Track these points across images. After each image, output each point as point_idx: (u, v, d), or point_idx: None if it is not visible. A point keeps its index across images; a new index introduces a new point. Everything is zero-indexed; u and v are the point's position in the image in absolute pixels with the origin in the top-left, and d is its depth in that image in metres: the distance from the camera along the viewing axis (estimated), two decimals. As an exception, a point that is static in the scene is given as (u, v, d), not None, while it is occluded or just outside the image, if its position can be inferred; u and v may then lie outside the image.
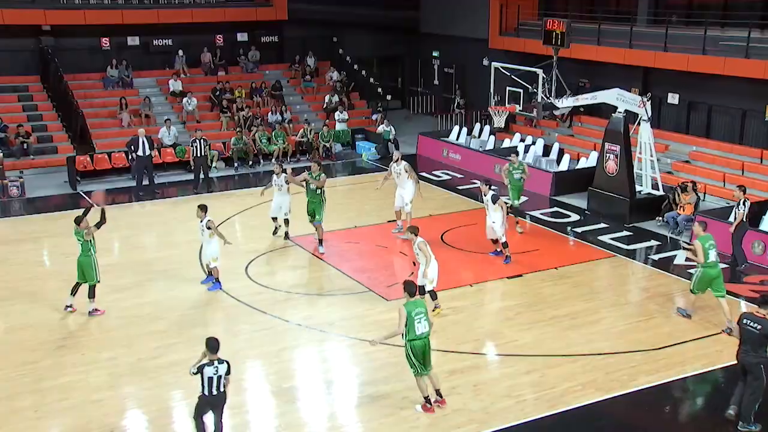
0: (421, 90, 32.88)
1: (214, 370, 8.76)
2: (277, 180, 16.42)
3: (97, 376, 11.15)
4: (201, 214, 13.91)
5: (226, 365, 8.85)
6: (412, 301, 9.91)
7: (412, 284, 10.14)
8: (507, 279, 14.66)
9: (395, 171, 16.81)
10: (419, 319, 9.78)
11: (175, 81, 26.38)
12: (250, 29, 28.90)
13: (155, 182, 21.34)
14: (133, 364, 11.48)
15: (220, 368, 8.80)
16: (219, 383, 8.80)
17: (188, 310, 13.35)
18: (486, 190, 14.94)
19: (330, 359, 11.89)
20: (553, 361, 11.46)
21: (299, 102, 28.09)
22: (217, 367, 8.79)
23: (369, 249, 15.71)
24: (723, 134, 20.71)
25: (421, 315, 9.82)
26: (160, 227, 18.33)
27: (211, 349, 8.83)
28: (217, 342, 8.89)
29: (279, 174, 16.40)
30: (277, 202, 16.62)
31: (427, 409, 10.14)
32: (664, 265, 15.49)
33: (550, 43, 18.23)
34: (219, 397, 8.90)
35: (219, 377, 8.78)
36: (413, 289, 10.03)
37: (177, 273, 15.12)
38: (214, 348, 8.83)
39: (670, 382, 10.92)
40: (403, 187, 16.75)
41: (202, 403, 8.95)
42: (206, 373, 8.76)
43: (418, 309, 9.83)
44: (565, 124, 24.65)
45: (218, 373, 8.78)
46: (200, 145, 20.70)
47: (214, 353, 8.82)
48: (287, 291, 14.22)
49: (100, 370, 11.30)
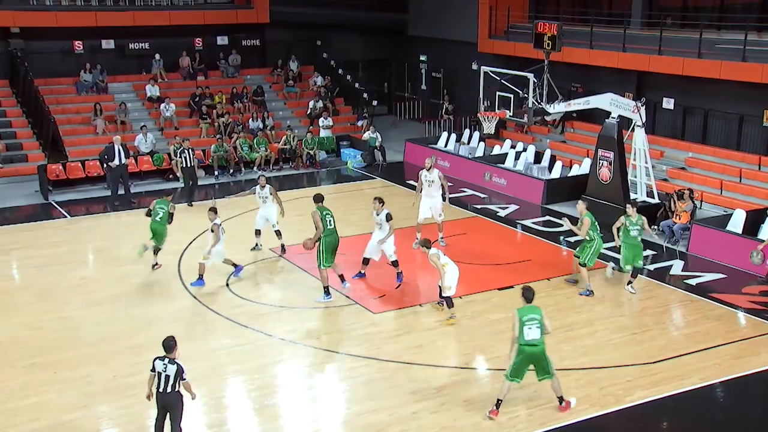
0: (408, 95, 32.98)
1: (162, 367, 9.12)
2: (261, 192, 16.40)
3: (69, 395, 11.08)
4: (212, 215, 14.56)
5: (176, 367, 9.11)
6: (526, 306, 10.29)
7: (530, 290, 10.52)
8: (498, 290, 14.71)
9: (427, 179, 16.42)
10: (530, 326, 10.10)
11: (152, 86, 26.35)
12: (230, 32, 28.92)
13: (131, 192, 21.26)
14: (108, 382, 11.42)
15: (169, 367, 9.10)
16: (168, 382, 9.08)
17: (166, 325, 13.27)
18: (379, 207, 14.48)
19: (314, 375, 11.87)
20: (546, 376, 11.49)
21: (282, 108, 28.13)
22: (167, 365, 9.10)
23: (355, 260, 15.71)
24: (720, 140, 20.89)
25: (534, 321, 10.13)
26: (136, 239, 18.19)
27: (165, 348, 9.22)
28: (171, 341, 9.23)
29: (263, 186, 16.42)
30: (263, 215, 16.64)
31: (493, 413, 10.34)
32: (659, 276, 15.59)
33: (541, 46, 18.37)
34: (170, 397, 9.14)
35: (167, 376, 9.08)
36: (530, 295, 10.43)
37: (154, 286, 15.08)
38: (169, 347, 9.22)
39: (667, 397, 10.97)
40: (432, 196, 16.45)
41: (156, 400, 9.26)
42: (157, 366, 9.18)
43: (531, 315, 10.17)
44: (556, 130, 24.80)
45: (166, 371, 9.08)
46: (189, 156, 20.61)
47: (169, 352, 9.19)
48: (270, 304, 14.19)
49: (73, 389, 11.23)
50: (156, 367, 9.19)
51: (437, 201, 16.50)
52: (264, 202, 16.50)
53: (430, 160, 16.77)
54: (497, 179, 22.15)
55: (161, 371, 9.14)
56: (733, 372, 11.63)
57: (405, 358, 12.04)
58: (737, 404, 11.26)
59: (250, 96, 27.36)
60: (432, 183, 16.41)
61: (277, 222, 16.56)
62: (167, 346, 9.24)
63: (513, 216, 19.70)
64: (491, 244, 17.46)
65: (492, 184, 22.17)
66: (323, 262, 13.87)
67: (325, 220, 13.83)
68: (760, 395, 11.60)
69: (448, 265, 13.22)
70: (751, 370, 11.70)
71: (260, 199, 16.51)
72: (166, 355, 9.21)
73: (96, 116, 24.63)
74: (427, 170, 16.48)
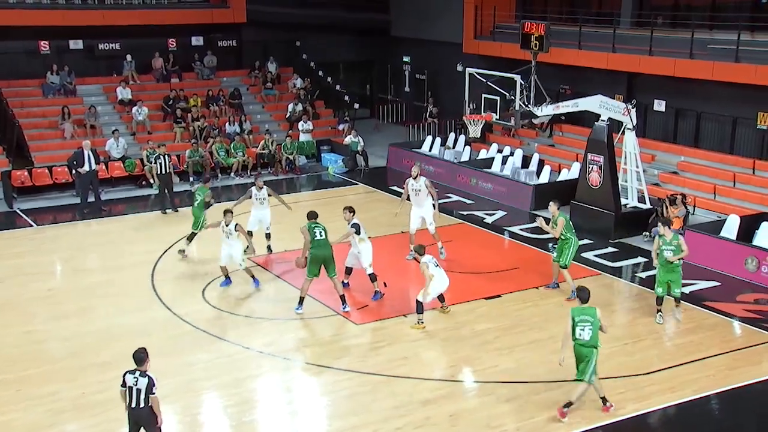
0: (391, 98, 33.03)
1: (133, 380, 9.07)
2: (258, 194, 16.71)
3: (35, 413, 10.96)
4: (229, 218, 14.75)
5: (147, 380, 9.07)
6: (581, 307, 10.71)
7: (585, 290, 10.88)
8: (485, 300, 14.73)
9: (414, 188, 16.41)
10: (582, 327, 10.57)
11: (123, 88, 26.21)
12: (205, 32, 28.84)
13: (101, 199, 21.14)
14: (76, 399, 11.31)
15: (140, 381, 9.05)
16: (139, 396, 9.04)
17: (137, 339, 13.11)
18: (350, 217, 14.50)
19: (294, 389, 11.83)
20: (535, 388, 11.52)
21: (260, 111, 28.07)
22: (138, 378, 9.06)
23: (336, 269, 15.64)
24: (713, 143, 21.07)
25: (587, 323, 10.57)
26: (106, 248, 18.15)
27: (136, 361, 9.18)
28: (143, 353, 9.19)
29: (261, 187, 16.70)
30: (257, 216, 16.89)
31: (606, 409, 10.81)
32: (651, 284, 15.63)
33: (528, 47, 18.45)
34: (143, 412, 9.09)
35: (138, 390, 9.03)
36: (585, 296, 10.79)
37: (125, 298, 14.98)
38: (140, 359, 9.19)
39: (660, 409, 11.02)
40: (421, 206, 16.44)
41: (128, 417, 9.19)
42: (127, 380, 9.12)
43: (584, 316, 10.61)
44: (545, 134, 24.92)
45: (137, 385, 9.04)
46: (165, 162, 20.45)
47: (140, 365, 9.15)
48: (248, 315, 14.15)
49: (38, 407, 11.10)
50: (126, 382, 9.13)
51: (428, 210, 16.47)
52: (261, 204, 16.78)
53: (417, 168, 16.73)
54: (484, 184, 22.21)
55: (132, 385, 9.08)
56: (727, 383, 11.70)
57: (389, 371, 12.03)
58: (732, 417, 11.34)
59: (227, 99, 27.28)
60: (419, 192, 16.39)
61: (270, 225, 16.98)
62: (138, 359, 9.19)
63: (500, 222, 19.76)
64: (478, 251, 17.49)
65: (478, 190, 22.23)
66: (307, 273, 13.90)
67: (313, 232, 13.89)
68: (755, 408, 11.66)
69: (435, 277, 13.33)
70: (747, 382, 11.78)
71: (257, 201, 16.78)
72: (137, 368, 9.15)
73: (64, 120, 24.45)
74: (413, 178, 16.48)
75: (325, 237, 13.97)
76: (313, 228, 13.97)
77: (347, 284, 15.08)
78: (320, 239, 13.88)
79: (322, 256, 13.88)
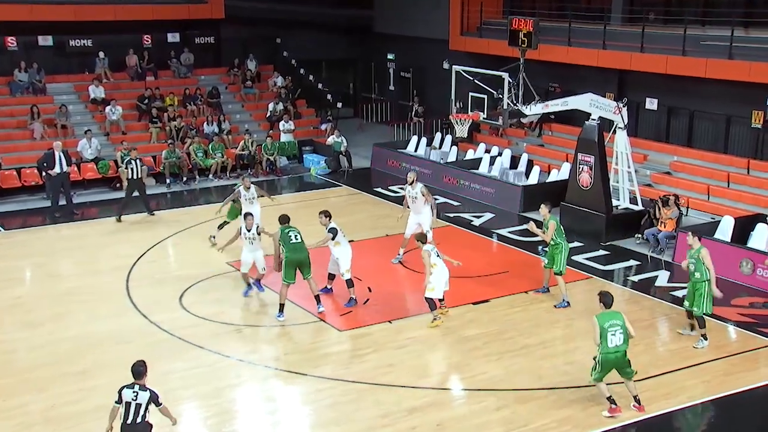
0: (375, 96, 33.03)
1: (133, 395, 8.93)
2: (247, 193, 16.90)
3: (2, 427, 10.84)
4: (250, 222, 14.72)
5: (148, 394, 8.96)
6: (606, 312, 10.74)
7: (608, 295, 10.93)
8: (472, 305, 14.74)
9: (410, 195, 16.53)
10: (614, 332, 10.58)
11: (96, 87, 26.07)
12: (182, 29, 28.77)
13: (73, 202, 21.00)
14: (46, 412, 11.20)
15: (141, 395, 8.92)
16: (138, 411, 8.92)
17: (112, 347, 13.11)
18: (326, 222, 14.51)
19: (276, 398, 11.79)
20: (525, 396, 11.53)
21: (239, 110, 28.01)
22: (138, 392, 8.93)
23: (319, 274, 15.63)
24: (706, 143, 21.21)
25: (617, 327, 10.61)
26: (79, 253, 18.03)
27: (134, 374, 9.05)
28: (141, 367, 9.10)
29: (249, 187, 16.93)
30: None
31: (614, 410, 10.83)
32: (644, 287, 15.75)
33: (517, 43, 18.52)
34: (140, 428, 8.96)
35: (138, 405, 8.90)
36: (609, 300, 10.84)
37: (99, 305, 14.87)
38: (138, 373, 9.07)
39: (653, 417, 11.03)
40: (420, 212, 16.50)
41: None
42: (125, 396, 8.95)
43: (613, 321, 10.64)
44: (534, 133, 25.00)
45: (138, 400, 8.91)
46: (137, 167, 20.13)
47: (138, 378, 9.03)
48: (227, 322, 14.07)
49: (6, 420, 10.99)
50: (124, 397, 8.95)
51: (425, 217, 16.53)
52: (251, 204, 16.88)
53: (412, 174, 16.81)
54: (471, 186, 22.24)
55: (131, 400, 8.93)
56: (722, 390, 11.75)
57: (373, 379, 12.00)
58: (728, 424, 11.38)
59: (205, 98, 27.20)
60: (415, 199, 16.49)
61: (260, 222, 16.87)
62: (137, 372, 9.09)
63: (488, 225, 19.79)
64: (465, 255, 17.41)
65: (465, 191, 22.26)
66: (283, 278, 13.89)
67: (288, 236, 13.85)
68: (751, 414, 11.71)
69: (437, 267, 13.51)
70: (742, 388, 11.83)
71: (246, 201, 16.88)
72: (135, 382, 9.03)
73: (33, 120, 24.27)
74: (409, 185, 16.60)
75: (301, 240, 13.95)
76: (287, 232, 13.94)
77: (330, 290, 15.06)
78: (296, 243, 13.86)
79: (297, 259, 13.85)
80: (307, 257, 13.95)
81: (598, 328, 10.60)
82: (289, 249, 13.82)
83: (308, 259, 13.98)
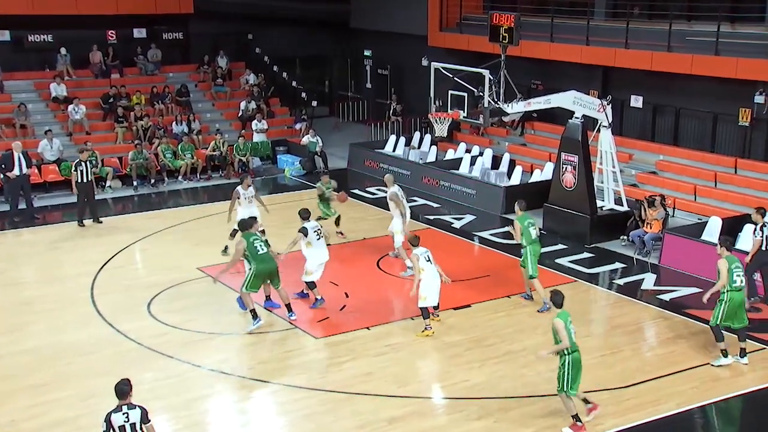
0: (351, 94, 33.05)
1: (124, 418, 8.69)
2: (246, 192, 17.15)
3: (-40, 442, 10.76)
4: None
5: (139, 411, 8.77)
6: (563, 311, 10.68)
7: (559, 294, 10.84)
8: (453, 310, 14.77)
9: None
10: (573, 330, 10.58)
11: (57, 85, 25.86)
12: (148, 24, 28.61)
13: (34, 206, 20.83)
14: (5, 427, 11.07)
15: (131, 414, 8.72)
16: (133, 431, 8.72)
17: (76, 358, 13.00)
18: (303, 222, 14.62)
19: (249, 410, 11.76)
20: (508, 404, 11.56)
21: (209, 109, 27.91)
22: (128, 413, 8.72)
23: (293, 279, 15.63)
24: (693, 141, 21.40)
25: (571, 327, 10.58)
26: (40, 259, 17.87)
27: (118, 394, 8.84)
28: (125, 386, 8.85)
29: (248, 186, 17.26)
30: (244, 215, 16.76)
31: (578, 429, 10.66)
32: (630, 291, 15.86)
33: (497, 39, 18.59)
34: None
35: (132, 425, 8.71)
36: (559, 300, 10.78)
37: (62, 313, 14.75)
38: (123, 392, 8.85)
39: (641, 424, 11.10)
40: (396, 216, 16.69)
41: None
42: (115, 421, 8.69)
43: (569, 319, 10.62)
44: (516, 132, 25.12)
45: (129, 420, 8.70)
46: (86, 169, 19.89)
47: (124, 398, 8.82)
48: (198, 330, 14.00)
49: (-36, 435, 10.91)
50: (114, 423, 8.64)
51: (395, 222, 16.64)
52: (249, 203, 17.16)
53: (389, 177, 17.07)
54: (451, 187, 22.29)
55: (123, 423, 8.65)
56: (712, 396, 11.84)
57: (351, 388, 11.98)
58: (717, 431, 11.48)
59: (173, 96, 27.08)
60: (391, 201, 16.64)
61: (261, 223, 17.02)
62: (121, 392, 8.82)
63: (469, 227, 19.84)
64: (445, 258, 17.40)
65: (446, 192, 22.30)
66: (247, 286, 13.78)
67: (254, 247, 13.72)
68: (741, 420, 11.86)
69: (426, 272, 13.45)
70: (732, 393, 11.92)
71: (245, 200, 17.13)
72: (122, 402, 8.77)
73: (-9, 120, 24.07)
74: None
75: (267, 250, 13.84)
76: (253, 241, 13.80)
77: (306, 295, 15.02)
78: (263, 254, 13.73)
79: (267, 270, 13.75)
80: (276, 267, 13.87)
81: (564, 328, 10.48)
82: (258, 260, 13.69)
83: (277, 269, 13.90)
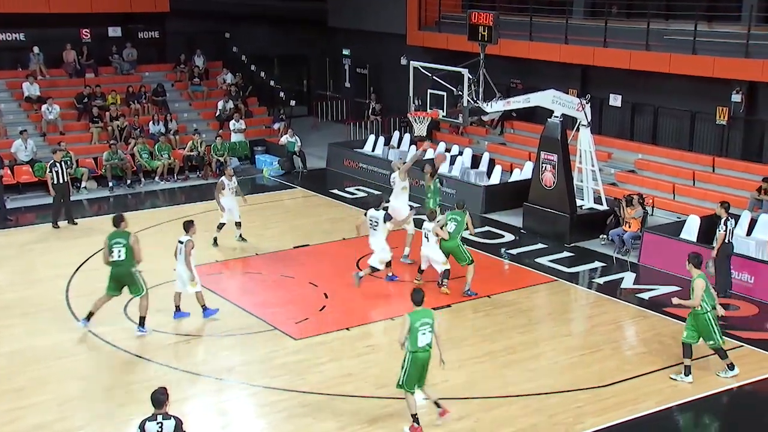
0: (330, 94, 33.04)
1: (158, 427, 8.65)
2: (230, 183, 18.05)
3: (-65, 447, 10.68)
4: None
5: (173, 422, 8.69)
6: (418, 310, 10.61)
7: (419, 291, 10.82)
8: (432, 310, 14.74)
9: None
10: (424, 331, 10.50)
11: (30, 84, 25.65)
12: (124, 22, 28.45)
13: (7, 207, 20.67)
14: (-19, 431, 11.04)
15: (165, 425, 8.65)
16: None
17: (53, 362, 12.93)
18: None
19: (229, 412, 11.73)
20: (488, 404, 11.63)
21: (186, 109, 27.81)
22: (162, 423, 8.66)
23: (273, 280, 15.64)
24: (671, 140, 21.60)
25: (427, 326, 10.55)
26: (14, 262, 17.72)
27: (155, 403, 8.74)
28: (162, 395, 8.74)
29: (231, 176, 18.20)
30: (227, 206, 18.01)
31: (415, 429, 10.64)
32: (610, 290, 15.97)
33: (476, 38, 18.65)
34: None
35: None
36: (419, 298, 10.72)
37: (37, 317, 14.64)
38: (159, 401, 8.74)
39: (621, 423, 11.18)
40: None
41: None
42: (148, 430, 8.63)
43: (424, 320, 10.55)
44: (495, 131, 25.22)
45: (163, 430, 8.63)
46: (61, 170, 19.78)
47: (160, 407, 8.72)
48: (175, 333, 13.97)
49: (-61, 441, 10.82)
50: (148, 430, 8.58)
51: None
52: (235, 194, 18.10)
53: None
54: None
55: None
56: (691, 394, 11.95)
57: (331, 389, 12.01)
58: (697, 429, 11.61)
59: (149, 96, 26.95)
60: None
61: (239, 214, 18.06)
62: (158, 401, 8.72)
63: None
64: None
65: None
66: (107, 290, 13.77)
67: (111, 250, 13.52)
68: (721, 419, 11.97)
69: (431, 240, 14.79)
70: (711, 391, 12.03)
71: (229, 191, 18.01)
72: (157, 412, 8.68)
73: (-37, 120, 23.86)
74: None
75: (126, 256, 13.52)
76: (113, 244, 13.54)
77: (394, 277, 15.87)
78: (118, 260, 13.51)
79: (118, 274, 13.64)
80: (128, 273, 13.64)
81: (408, 326, 10.43)
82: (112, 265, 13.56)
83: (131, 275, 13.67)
